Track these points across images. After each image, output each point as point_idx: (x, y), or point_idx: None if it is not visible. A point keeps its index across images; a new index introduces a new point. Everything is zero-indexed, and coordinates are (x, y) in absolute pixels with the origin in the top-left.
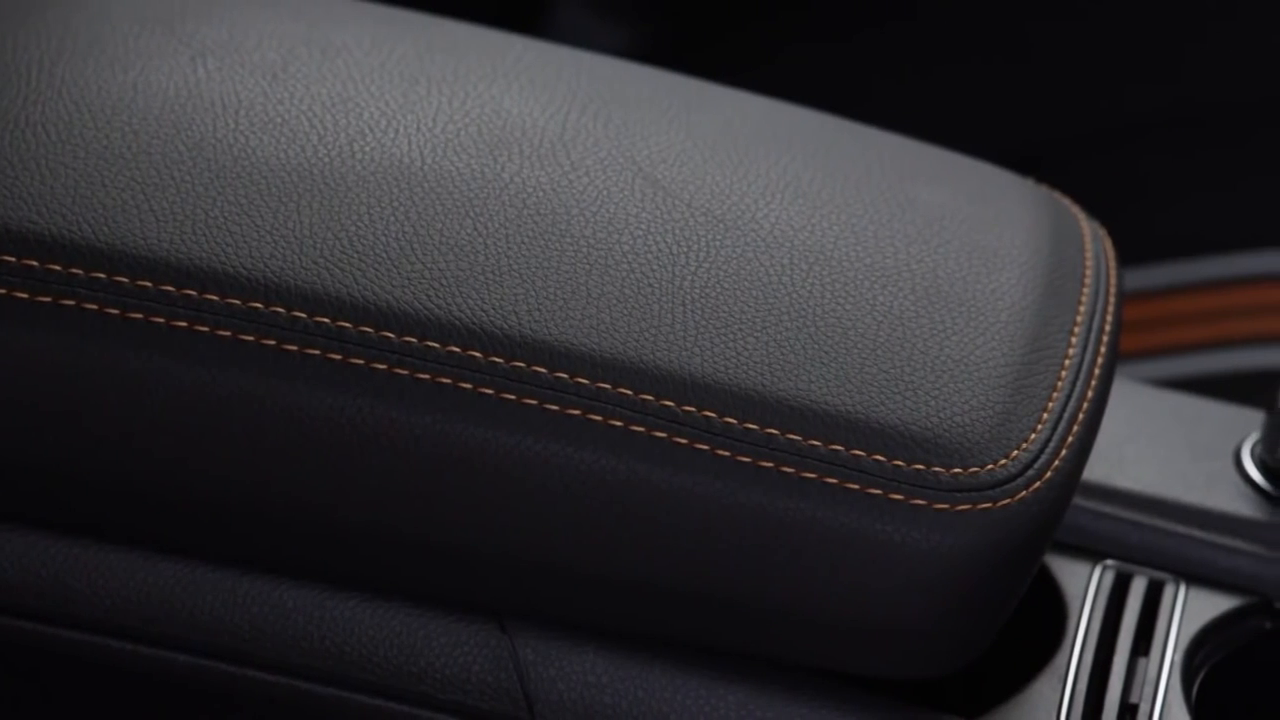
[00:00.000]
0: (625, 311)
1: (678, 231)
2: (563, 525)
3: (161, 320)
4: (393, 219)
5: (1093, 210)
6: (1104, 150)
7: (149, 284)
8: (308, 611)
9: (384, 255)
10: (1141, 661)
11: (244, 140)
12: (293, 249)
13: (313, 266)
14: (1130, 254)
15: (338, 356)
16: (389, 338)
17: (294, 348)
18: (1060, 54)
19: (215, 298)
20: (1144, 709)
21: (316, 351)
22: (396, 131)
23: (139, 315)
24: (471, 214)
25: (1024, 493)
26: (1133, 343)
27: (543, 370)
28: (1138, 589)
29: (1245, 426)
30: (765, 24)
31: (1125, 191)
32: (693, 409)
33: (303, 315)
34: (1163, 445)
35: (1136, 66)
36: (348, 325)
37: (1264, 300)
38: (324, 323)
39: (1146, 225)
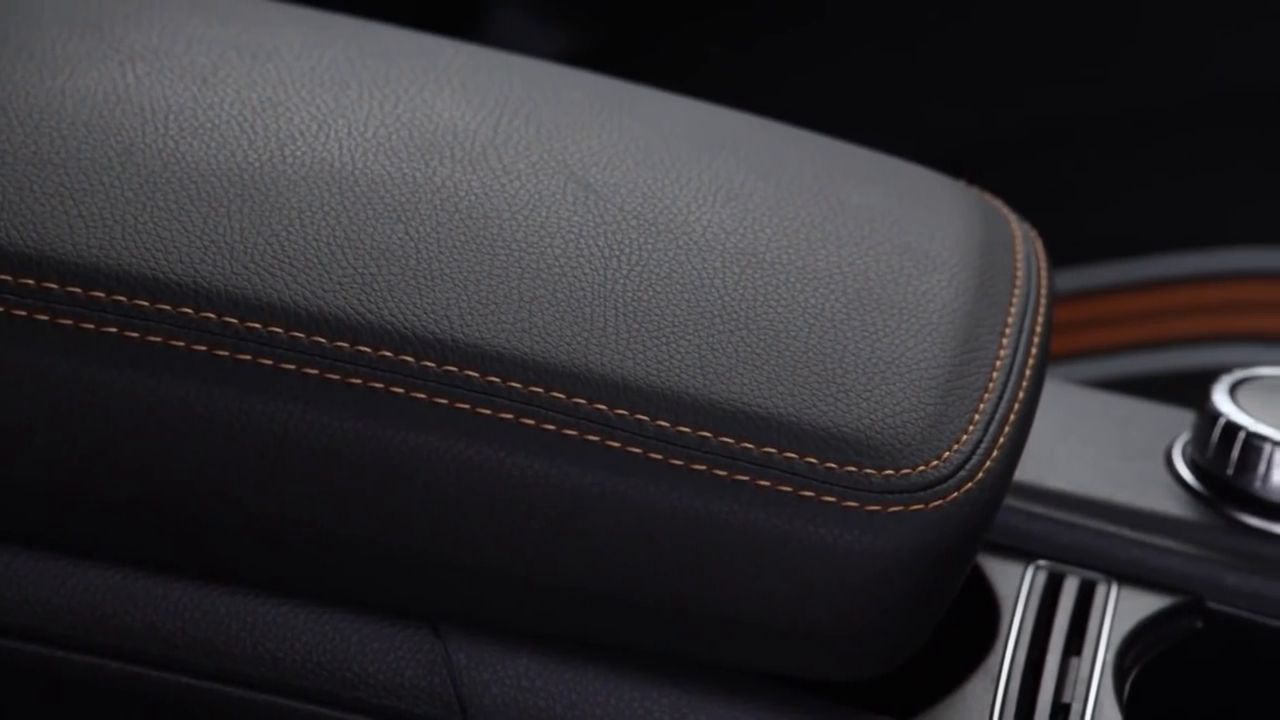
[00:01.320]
0: (557, 315)
1: (609, 235)
2: (495, 529)
3: (91, 326)
4: (323, 223)
5: (1024, 212)
6: (1035, 152)
7: (78, 290)
8: (240, 617)
9: (315, 260)
10: (1074, 661)
11: (174, 145)
12: (223, 254)
13: (243, 271)
14: (1062, 255)
15: (269, 362)
16: (320, 342)
17: (225, 353)
18: (990, 55)
19: (145, 303)
20: (1076, 708)
21: (247, 357)
22: (327, 136)
23: (68, 321)
24: (403, 218)
25: (956, 494)
26: (1065, 344)
27: (474, 375)
28: (1070, 589)
29: (1176, 426)
30: (699, 27)
31: (1057, 193)
32: (625, 412)
33: (234, 320)
34: (1094, 445)
35: (1067, 68)
36: (279, 330)
37: (1195, 301)
38: (255, 328)
39: (1078, 226)
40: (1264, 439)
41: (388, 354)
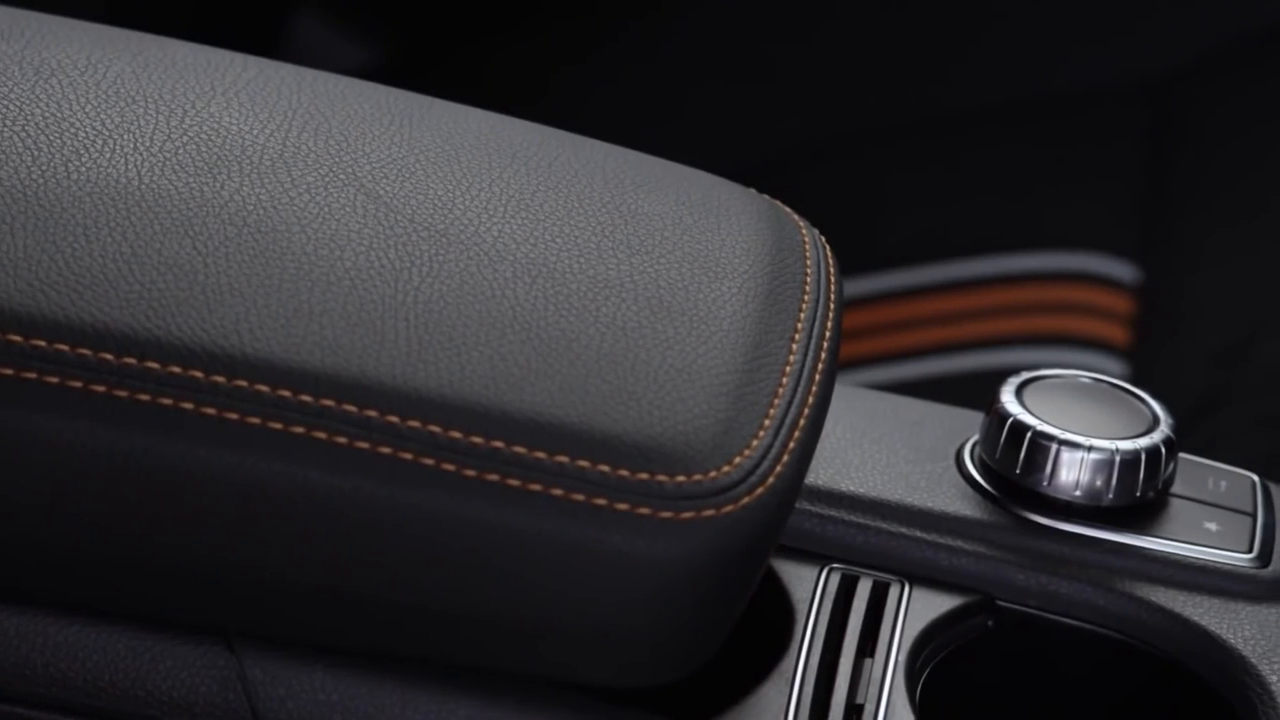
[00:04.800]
0: (348, 328)
1: (400, 247)
2: (289, 542)
3: None
4: (110, 239)
5: (814, 219)
6: (825, 160)
7: None
8: (29, 638)
9: (101, 276)
10: (867, 663)
11: None
12: (6, 272)
13: (27, 289)
14: (852, 262)
15: (54, 380)
16: (107, 359)
17: (9, 371)
18: (784, 68)
19: None
20: (869, 709)
21: (33, 375)
22: (113, 151)
23: None
24: (190, 233)
25: (747, 499)
26: (857, 349)
27: (265, 389)
28: (863, 591)
29: (966, 428)
30: (497, 40)
31: (848, 200)
32: (418, 424)
33: (18, 339)
34: (886, 448)
35: (857, 78)
36: (65, 348)
37: (984, 304)
38: (40, 346)
39: (868, 233)
40: (1050, 438)
41: (176, 369)
